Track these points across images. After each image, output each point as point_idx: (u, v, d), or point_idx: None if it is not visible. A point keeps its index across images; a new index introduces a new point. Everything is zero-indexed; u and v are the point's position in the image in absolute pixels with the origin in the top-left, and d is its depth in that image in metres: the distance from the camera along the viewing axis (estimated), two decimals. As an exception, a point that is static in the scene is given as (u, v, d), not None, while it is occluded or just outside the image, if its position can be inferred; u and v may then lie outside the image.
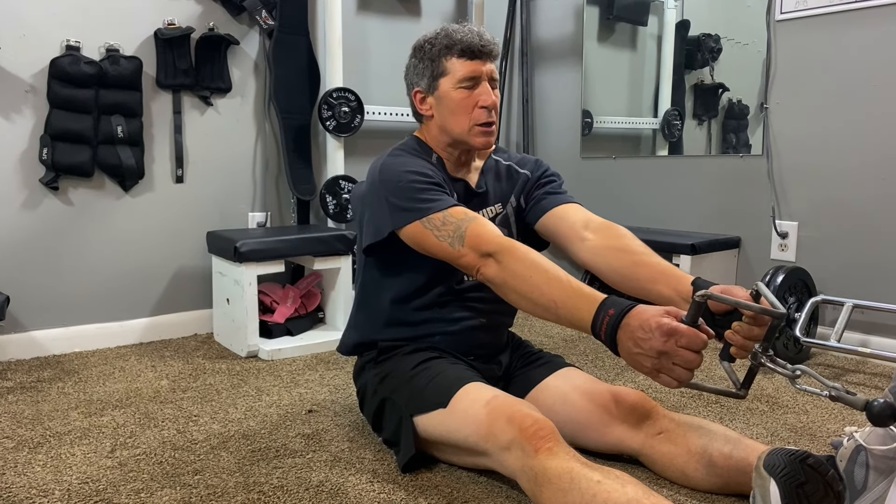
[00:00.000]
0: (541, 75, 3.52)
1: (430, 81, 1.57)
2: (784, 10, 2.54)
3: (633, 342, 1.13)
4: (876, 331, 2.39)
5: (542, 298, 1.28)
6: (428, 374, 1.49)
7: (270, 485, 1.43)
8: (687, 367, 1.10)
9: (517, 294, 1.33)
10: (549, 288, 1.27)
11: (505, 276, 1.33)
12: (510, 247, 1.35)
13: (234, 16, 2.71)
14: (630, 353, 1.15)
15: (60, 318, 2.45)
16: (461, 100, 1.53)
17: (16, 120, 2.33)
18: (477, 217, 1.42)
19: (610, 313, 1.17)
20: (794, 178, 2.57)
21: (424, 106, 1.60)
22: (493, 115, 1.54)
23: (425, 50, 1.58)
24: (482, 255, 1.36)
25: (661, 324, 1.10)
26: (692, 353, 1.10)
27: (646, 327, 1.12)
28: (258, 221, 2.86)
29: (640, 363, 1.14)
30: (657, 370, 1.12)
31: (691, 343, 1.10)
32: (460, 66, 1.52)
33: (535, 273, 1.30)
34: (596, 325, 1.19)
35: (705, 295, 1.10)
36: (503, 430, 1.27)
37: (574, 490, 1.14)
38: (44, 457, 1.57)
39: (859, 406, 1.05)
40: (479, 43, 1.52)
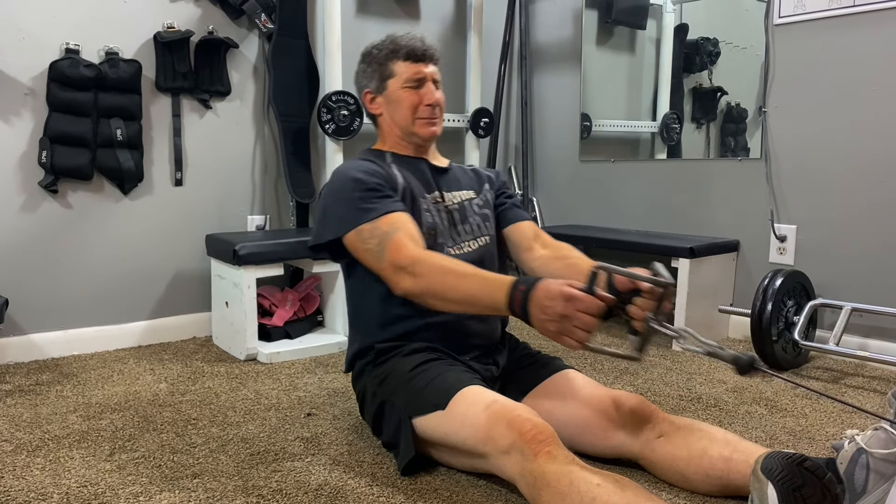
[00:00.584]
0: (539, 78, 3.53)
1: (378, 83, 1.72)
2: (782, 13, 2.54)
3: (540, 309, 1.28)
4: (874, 334, 2.39)
5: (459, 295, 1.41)
6: (427, 375, 1.49)
7: (269, 488, 1.43)
8: (584, 328, 1.25)
9: (436, 298, 1.44)
10: (463, 285, 1.40)
11: (420, 286, 1.45)
12: (420, 258, 1.46)
13: (234, 19, 2.72)
14: (539, 321, 1.29)
15: (59, 321, 2.45)
16: (407, 97, 1.69)
17: (15, 123, 2.33)
18: (401, 229, 1.51)
19: (521, 289, 1.32)
20: (792, 182, 2.58)
21: (374, 105, 1.75)
22: (436, 111, 1.72)
23: (373, 55, 1.73)
24: (397, 270, 1.48)
25: (563, 291, 1.26)
26: (588, 316, 1.25)
27: (550, 295, 1.27)
28: (257, 224, 2.86)
29: (547, 328, 1.28)
30: (560, 332, 1.27)
31: (588, 307, 1.25)
32: (406, 69, 1.69)
33: (448, 276, 1.42)
34: (510, 302, 1.33)
35: (599, 265, 1.30)
36: (503, 434, 1.27)
37: (573, 493, 1.14)
38: (42, 460, 1.57)
39: (728, 359, 1.20)
40: (422, 48, 1.71)
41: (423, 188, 1.68)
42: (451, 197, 1.73)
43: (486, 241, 1.72)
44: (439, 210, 1.68)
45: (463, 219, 1.71)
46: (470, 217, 1.72)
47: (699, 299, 2.58)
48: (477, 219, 1.73)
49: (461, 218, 1.71)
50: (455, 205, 1.72)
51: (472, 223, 1.72)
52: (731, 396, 2.01)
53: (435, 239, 1.63)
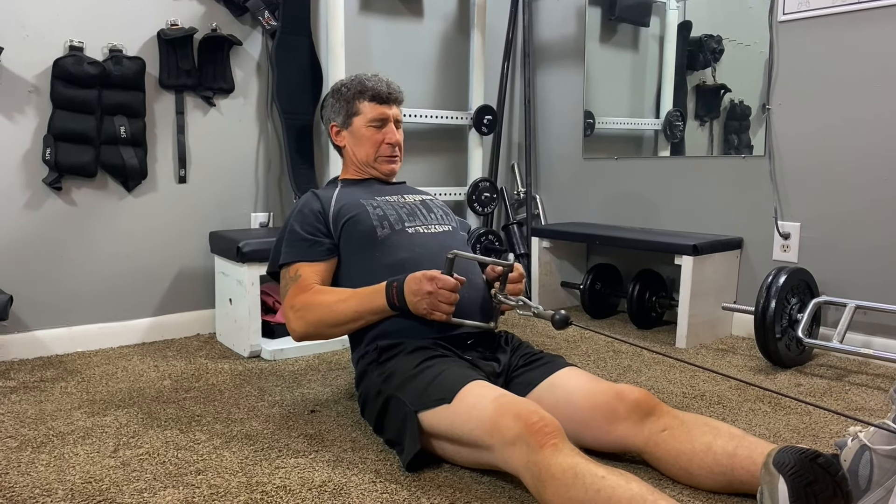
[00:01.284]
0: (543, 76, 3.53)
1: (344, 118, 1.91)
2: (786, 11, 2.54)
3: (412, 293, 1.57)
4: (878, 332, 2.39)
5: (347, 315, 1.66)
6: (432, 371, 1.51)
7: (273, 485, 1.43)
8: (447, 301, 1.55)
9: (328, 327, 1.70)
10: (345, 306, 1.66)
11: (309, 324, 1.70)
12: (304, 301, 1.71)
13: (237, 16, 2.72)
14: (412, 303, 1.57)
15: (63, 317, 2.45)
16: (370, 136, 1.89)
17: (19, 120, 2.33)
18: (300, 278, 1.74)
19: (394, 286, 1.60)
20: (796, 179, 2.57)
21: (339, 138, 1.95)
22: (396, 150, 1.91)
23: (342, 92, 1.91)
24: (290, 310, 1.73)
25: (425, 273, 1.56)
26: (448, 293, 1.55)
27: (416, 279, 1.56)
28: (261, 221, 2.86)
29: (419, 306, 1.56)
30: (430, 307, 1.55)
31: (446, 284, 1.55)
32: (370, 109, 1.88)
33: (330, 304, 1.67)
34: (389, 298, 1.61)
35: (454, 253, 1.58)
36: (509, 426, 1.28)
37: (578, 485, 1.14)
38: (47, 456, 1.57)
39: (547, 317, 1.48)
40: (387, 91, 1.88)
41: (369, 194, 1.87)
42: (411, 197, 1.91)
43: (452, 228, 1.88)
44: (398, 205, 1.84)
45: (427, 209, 1.89)
46: (434, 209, 1.91)
47: (703, 297, 2.58)
48: (440, 211, 1.90)
49: (425, 209, 1.89)
50: (416, 201, 1.89)
51: (436, 213, 1.89)
52: (734, 394, 2.00)
53: (392, 226, 1.78)
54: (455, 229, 1.90)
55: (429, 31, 3.27)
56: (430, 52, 3.28)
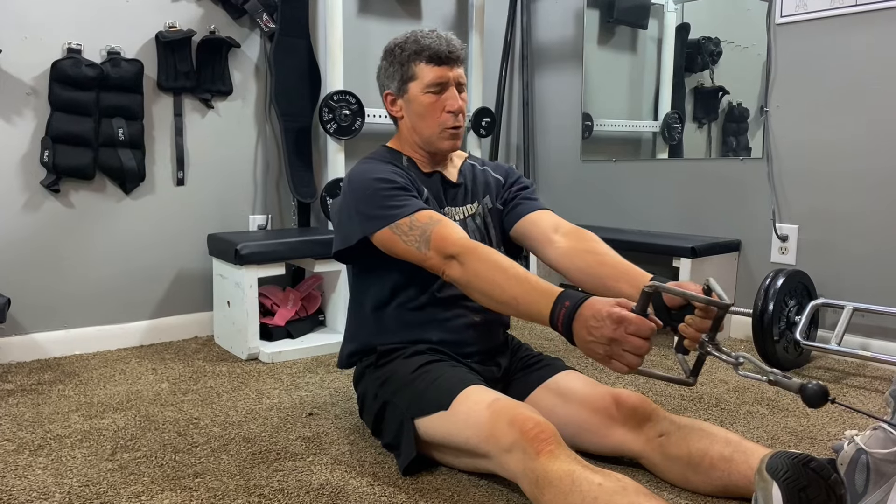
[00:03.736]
0: (541, 78, 3.53)
1: (399, 85, 1.63)
2: (784, 13, 2.54)
3: (587, 331, 1.19)
4: (876, 334, 2.39)
5: (504, 296, 1.34)
6: (429, 376, 1.49)
7: (271, 488, 1.43)
8: (636, 352, 1.16)
9: (480, 293, 1.39)
10: (509, 285, 1.34)
11: (468, 277, 1.39)
12: (472, 248, 1.41)
13: (235, 18, 2.72)
14: (584, 342, 1.20)
15: (61, 320, 2.45)
16: (429, 104, 1.60)
17: (17, 122, 2.33)
18: (442, 220, 1.48)
19: (566, 305, 1.24)
20: (794, 182, 2.57)
21: (395, 108, 1.67)
22: (459, 118, 1.61)
23: (395, 54, 1.63)
24: (446, 258, 1.42)
25: (612, 312, 1.16)
26: (640, 340, 1.15)
27: (598, 316, 1.17)
28: (259, 224, 2.86)
29: (594, 350, 1.19)
30: (609, 356, 1.18)
31: (639, 330, 1.15)
32: (428, 72, 1.59)
33: (496, 272, 1.36)
34: (553, 317, 1.25)
35: (654, 286, 1.17)
36: (505, 433, 1.27)
37: (575, 492, 1.14)
38: (44, 459, 1.57)
39: (795, 389, 1.09)
40: (447, 49, 1.59)
41: (434, 203, 1.64)
42: (455, 212, 1.69)
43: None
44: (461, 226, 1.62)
45: (481, 234, 1.69)
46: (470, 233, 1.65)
47: (701, 299, 2.58)
48: (476, 236, 1.68)
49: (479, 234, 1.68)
50: (469, 217, 1.70)
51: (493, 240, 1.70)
52: (732, 396, 2.01)
53: None
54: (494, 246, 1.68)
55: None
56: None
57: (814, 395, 1.06)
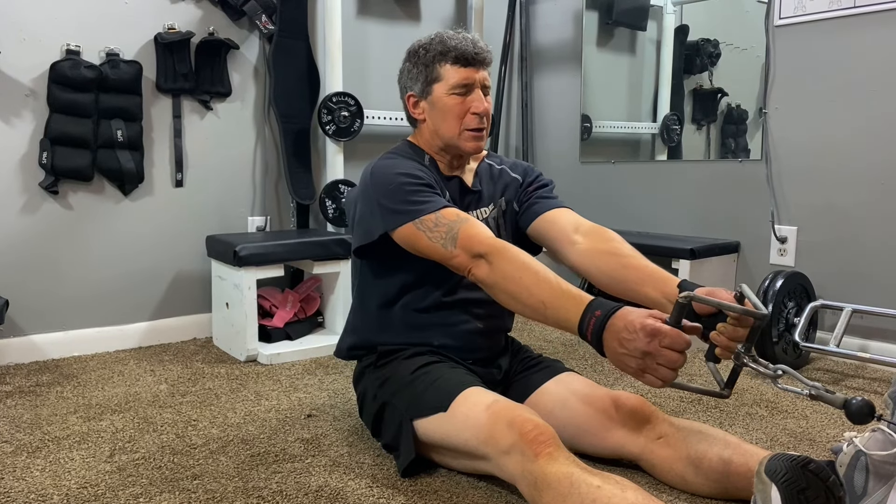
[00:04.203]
0: (540, 80, 3.53)
1: (423, 86, 1.59)
2: (783, 15, 2.54)
3: (619, 342, 1.15)
4: (875, 335, 2.39)
5: (531, 299, 1.30)
6: (428, 378, 1.49)
7: (269, 490, 1.43)
8: (670, 366, 1.12)
9: (507, 294, 1.34)
10: (538, 289, 1.29)
11: (495, 278, 1.35)
12: (501, 248, 1.36)
13: (234, 20, 2.72)
14: (615, 354, 1.16)
15: (59, 322, 2.45)
16: (454, 106, 1.55)
17: (16, 124, 2.33)
18: (469, 218, 1.44)
19: (596, 314, 1.19)
20: (793, 183, 2.58)
21: (417, 110, 1.62)
22: (484, 121, 1.57)
23: (420, 55, 1.59)
24: (473, 256, 1.38)
25: (645, 325, 1.12)
26: (675, 353, 1.12)
27: (630, 328, 1.13)
28: (258, 225, 2.86)
29: (626, 363, 1.16)
30: (642, 370, 1.14)
31: (674, 343, 1.11)
32: (454, 73, 1.55)
33: (525, 274, 1.31)
34: (583, 326, 1.21)
35: (688, 296, 1.12)
36: (503, 435, 1.27)
37: (574, 495, 1.14)
38: (42, 461, 1.57)
39: (838, 404, 1.07)
40: (473, 51, 1.55)
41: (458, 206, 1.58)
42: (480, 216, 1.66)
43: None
44: None
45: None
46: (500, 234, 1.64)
47: (699, 301, 2.58)
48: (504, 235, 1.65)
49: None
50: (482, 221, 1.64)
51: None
52: (731, 398, 2.00)
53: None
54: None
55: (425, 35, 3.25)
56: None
57: (859, 412, 1.03)
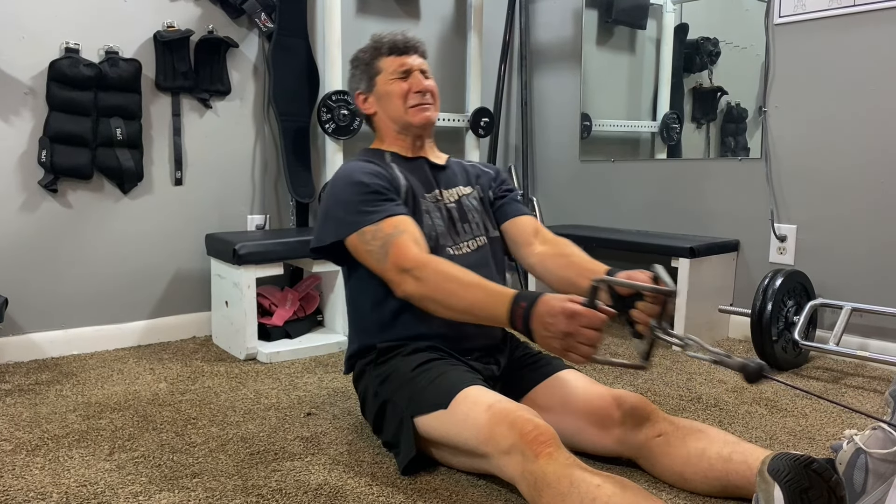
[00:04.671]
0: (540, 78, 3.53)
1: (368, 82, 1.74)
2: (783, 13, 2.54)
3: (543, 327, 1.27)
4: (874, 334, 2.39)
5: (461, 304, 1.41)
6: (429, 375, 1.49)
7: (269, 488, 1.43)
8: (589, 343, 1.25)
9: (436, 304, 1.45)
10: (465, 293, 1.40)
11: (423, 291, 1.45)
12: (425, 262, 1.46)
13: (234, 18, 2.72)
14: (542, 337, 1.29)
15: (59, 320, 2.45)
16: (396, 89, 1.69)
17: (14, 122, 2.32)
18: (406, 231, 1.52)
19: (522, 306, 1.31)
20: (792, 182, 2.58)
21: (367, 105, 1.76)
22: (428, 97, 1.71)
23: (360, 58, 1.77)
24: (401, 272, 1.48)
25: (564, 308, 1.25)
26: (592, 331, 1.24)
27: (552, 312, 1.26)
28: (257, 224, 2.86)
29: (551, 345, 1.28)
30: (565, 349, 1.27)
31: (590, 322, 1.24)
32: (391, 62, 1.71)
33: (451, 282, 1.42)
34: (512, 318, 1.33)
35: (599, 280, 1.28)
36: (504, 435, 1.27)
37: (574, 494, 1.14)
38: (42, 459, 1.57)
39: (736, 367, 1.17)
40: (403, 40, 1.72)
41: (423, 187, 1.68)
42: (449, 194, 1.72)
43: (483, 240, 1.71)
44: (439, 209, 1.68)
45: (462, 217, 1.71)
46: (469, 214, 1.72)
47: (699, 299, 2.58)
48: (476, 216, 1.73)
49: (460, 216, 1.70)
50: (453, 203, 1.71)
51: (471, 222, 1.71)
52: (731, 396, 2.01)
53: (437, 241, 1.62)
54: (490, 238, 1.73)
55: (425, 33, 3.26)
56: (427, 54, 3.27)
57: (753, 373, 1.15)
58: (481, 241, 1.71)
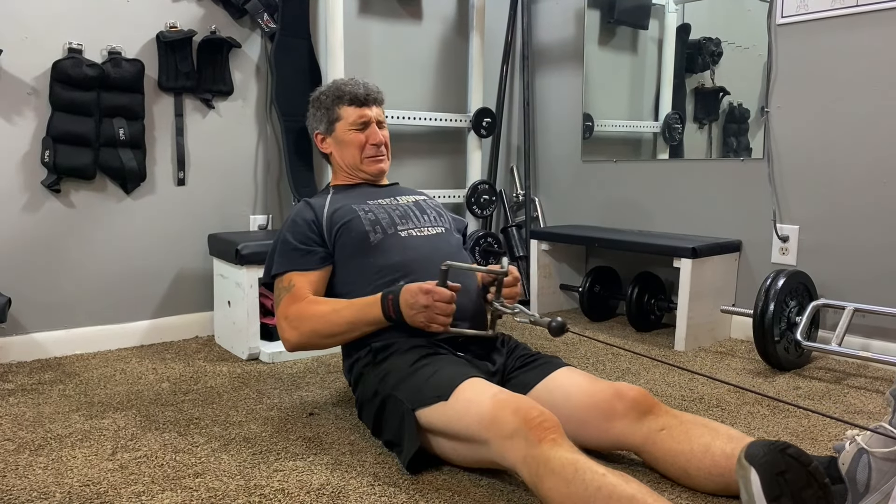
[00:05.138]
0: (542, 79, 3.53)
1: (327, 126, 1.91)
2: (785, 13, 2.54)
3: (409, 306, 1.55)
4: (877, 335, 2.39)
5: (341, 326, 1.65)
6: (429, 369, 1.51)
7: (271, 488, 1.43)
8: (444, 313, 1.54)
9: (322, 337, 1.69)
10: (341, 317, 1.64)
11: (303, 335, 1.69)
12: (297, 311, 1.69)
13: (236, 19, 2.72)
14: (409, 316, 1.56)
15: (62, 320, 2.45)
16: (353, 139, 1.88)
17: (18, 122, 2.33)
18: (293, 289, 1.72)
19: (389, 298, 1.59)
20: (794, 182, 2.57)
21: (324, 146, 1.94)
22: (381, 149, 1.90)
23: (321, 100, 1.92)
24: (283, 320, 1.71)
25: (421, 287, 1.55)
26: (444, 304, 1.54)
27: (412, 292, 1.55)
28: (259, 224, 2.86)
29: (417, 319, 1.55)
30: (428, 320, 1.54)
31: (442, 296, 1.53)
32: (351, 112, 1.88)
33: (324, 314, 1.66)
34: (385, 311, 1.59)
35: (447, 263, 1.55)
36: (507, 420, 1.28)
37: (578, 481, 1.14)
38: (45, 459, 1.57)
39: (545, 324, 1.45)
40: (364, 93, 1.88)
41: (362, 199, 1.85)
42: (405, 199, 1.90)
43: (444, 230, 1.86)
44: (390, 208, 1.83)
45: (421, 211, 1.87)
46: (428, 210, 1.89)
47: (701, 299, 2.58)
48: (433, 213, 1.88)
49: (419, 210, 1.87)
50: (410, 203, 1.88)
51: (430, 215, 1.88)
52: (733, 397, 2.00)
53: (385, 230, 1.76)
54: (449, 230, 1.88)
55: (428, 33, 3.27)
56: (429, 54, 3.28)
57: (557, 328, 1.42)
58: (441, 230, 1.86)
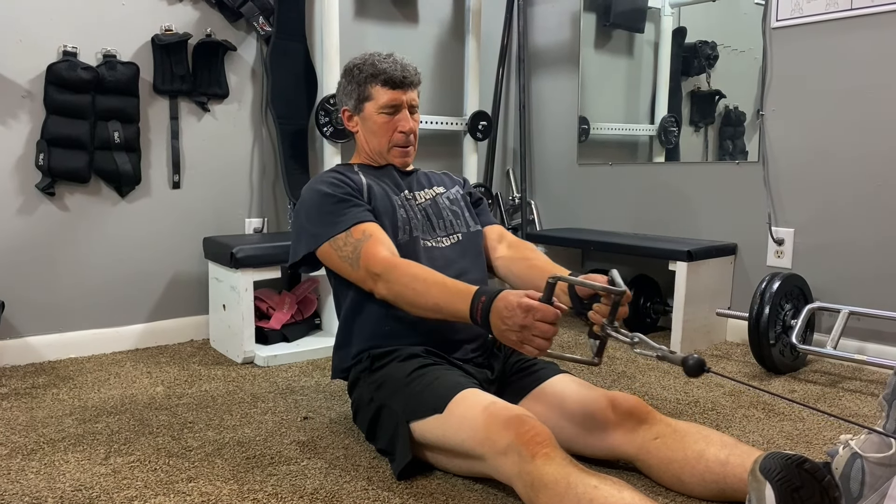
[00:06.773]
0: (538, 82, 3.53)
1: (356, 103, 1.76)
2: (780, 17, 2.55)
3: (501, 320, 1.33)
4: (872, 338, 2.39)
5: (428, 303, 1.47)
6: (424, 380, 1.50)
7: (265, 492, 1.42)
8: (544, 336, 1.31)
9: (407, 303, 1.52)
10: (430, 293, 1.47)
11: (393, 292, 1.52)
12: (393, 265, 1.53)
13: (232, 22, 2.72)
14: (499, 330, 1.35)
15: (56, 323, 2.44)
16: (383, 123, 1.73)
17: (12, 125, 2.32)
18: (373, 235, 1.58)
19: (482, 300, 1.38)
20: (790, 185, 2.58)
21: (351, 123, 1.81)
22: (410, 139, 1.76)
23: (354, 74, 1.75)
24: (372, 276, 1.55)
25: (521, 302, 1.31)
26: (547, 325, 1.30)
27: (509, 307, 1.32)
28: (255, 227, 2.85)
29: (508, 337, 1.34)
30: (521, 341, 1.33)
31: (545, 316, 1.30)
32: (383, 94, 1.71)
33: (417, 283, 1.49)
34: (472, 313, 1.39)
35: (555, 277, 1.35)
36: (500, 435, 1.27)
37: (570, 495, 1.14)
38: (37, 464, 1.56)
39: (678, 362, 1.23)
40: (401, 75, 1.72)
41: (393, 188, 1.74)
42: (423, 194, 1.79)
43: (459, 237, 1.76)
44: (412, 206, 1.74)
45: (437, 214, 1.77)
46: (444, 212, 1.78)
47: (697, 302, 2.58)
48: (449, 214, 1.78)
49: (435, 213, 1.77)
50: (427, 201, 1.78)
51: (445, 219, 1.77)
52: (728, 400, 2.00)
53: (411, 233, 1.68)
54: (467, 234, 1.78)
55: (424, 36, 3.27)
56: (425, 57, 3.28)
57: (694, 367, 1.19)
58: (458, 237, 1.76)
